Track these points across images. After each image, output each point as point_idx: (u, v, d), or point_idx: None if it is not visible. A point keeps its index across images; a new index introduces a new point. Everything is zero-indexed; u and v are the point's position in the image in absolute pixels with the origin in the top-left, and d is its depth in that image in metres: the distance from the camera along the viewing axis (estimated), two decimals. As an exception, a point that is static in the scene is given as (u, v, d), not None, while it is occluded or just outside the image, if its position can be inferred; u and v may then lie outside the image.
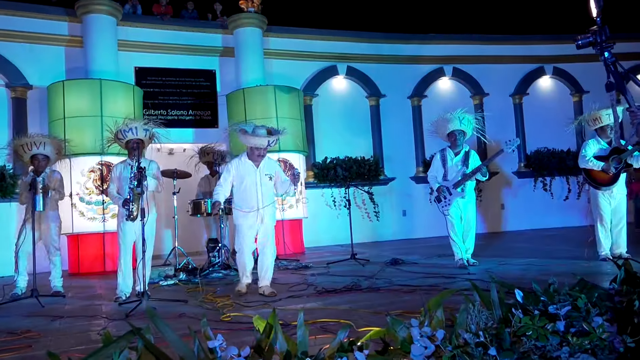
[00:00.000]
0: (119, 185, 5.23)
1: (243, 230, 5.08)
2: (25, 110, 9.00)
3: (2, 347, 3.23)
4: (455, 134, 6.16)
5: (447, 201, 6.10)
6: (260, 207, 5.01)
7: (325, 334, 3.06)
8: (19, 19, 9.09)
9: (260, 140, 5.04)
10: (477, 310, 1.79)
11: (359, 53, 11.66)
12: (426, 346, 1.57)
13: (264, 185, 5.11)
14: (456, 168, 6.10)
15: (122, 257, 5.24)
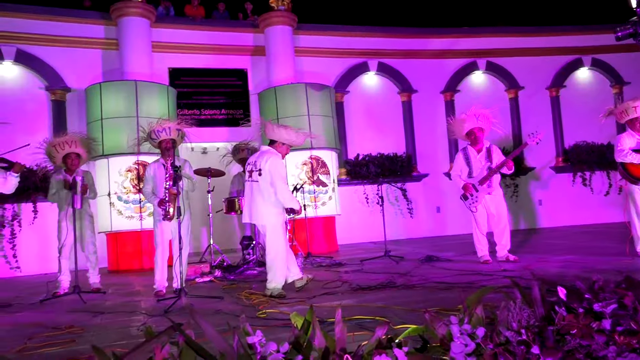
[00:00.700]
0: (154, 185, 5.33)
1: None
2: (64, 113, 9.27)
3: (48, 342, 3.33)
4: (474, 131, 6.09)
5: (474, 198, 6.03)
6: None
7: (361, 331, 3.04)
8: (57, 24, 9.37)
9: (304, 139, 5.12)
10: (518, 307, 1.75)
11: (390, 49, 11.57)
12: (466, 344, 1.54)
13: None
14: (480, 164, 6.04)
15: (158, 255, 5.35)
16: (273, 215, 4.83)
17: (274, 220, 4.83)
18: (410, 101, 11.57)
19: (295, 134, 5.00)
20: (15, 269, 8.37)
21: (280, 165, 4.85)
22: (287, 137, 4.96)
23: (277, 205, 4.84)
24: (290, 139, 4.99)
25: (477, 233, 6.15)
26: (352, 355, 1.41)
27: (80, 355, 2.89)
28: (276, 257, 4.78)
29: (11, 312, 4.78)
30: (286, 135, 4.96)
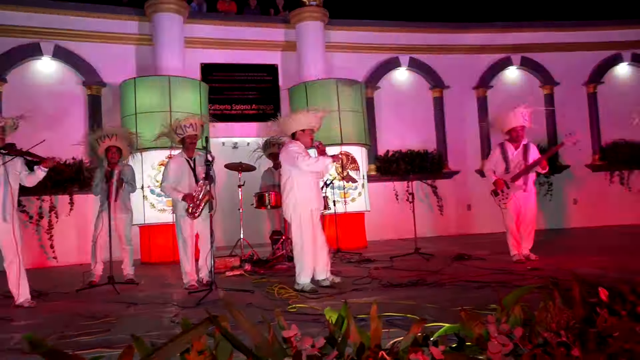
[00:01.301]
0: (176, 180, 5.36)
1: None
2: (99, 107, 9.48)
3: (84, 330, 3.41)
4: (517, 129, 5.97)
5: (505, 195, 5.93)
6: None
7: (392, 328, 3.02)
8: (93, 19, 9.57)
9: (318, 119, 4.98)
10: (557, 308, 1.70)
11: (421, 44, 11.45)
12: (504, 344, 1.51)
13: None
14: (517, 161, 5.92)
15: (183, 249, 5.39)
16: (292, 208, 4.83)
17: (294, 213, 4.82)
18: (441, 97, 11.43)
19: (304, 117, 4.93)
20: (52, 259, 8.61)
21: (291, 149, 4.79)
22: (295, 124, 4.92)
23: (298, 198, 4.81)
24: (301, 123, 4.90)
25: (511, 231, 6.03)
26: (387, 352, 1.40)
27: (115, 344, 2.95)
28: (301, 251, 4.79)
29: (49, 300, 4.92)
30: (294, 123, 4.93)
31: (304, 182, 4.84)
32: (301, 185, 4.84)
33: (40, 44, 9.21)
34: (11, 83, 9.03)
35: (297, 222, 4.81)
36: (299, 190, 4.83)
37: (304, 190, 4.84)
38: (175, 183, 5.38)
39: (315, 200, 4.90)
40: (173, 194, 5.36)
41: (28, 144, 4.73)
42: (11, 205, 4.48)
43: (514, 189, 5.90)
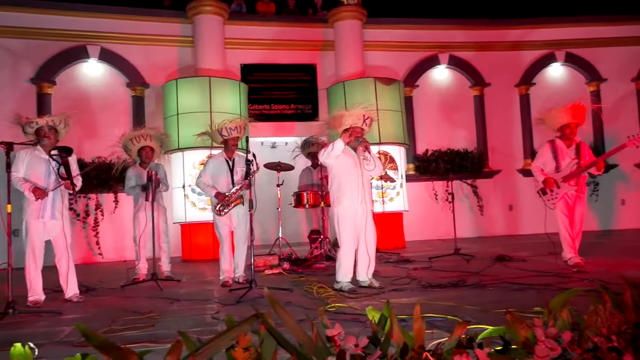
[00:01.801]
0: (213, 178, 5.49)
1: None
2: (143, 108, 9.74)
3: (129, 325, 3.51)
4: (571, 126, 5.74)
5: (555, 194, 5.70)
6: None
7: (432, 329, 2.99)
8: (137, 22, 9.84)
9: (358, 115, 4.88)
10: (608, 312, 1.65)
11: (461, 41, 11.27)
12: (552, 347, 1.47)
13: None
14: (568, 160, 5.70)
15: (220, 247, 5.57)
16: (332, 205, 4.89)
17: (334, 211, 4.85)
18: (482, 95, 11.23)
19: (348, 115, 4.87)
20: (97, 255, 8.90)
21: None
22: (340, 123, 4.92)
23: (337, 195, 4.82)
24: (345, 121, 4.87)
25: (565, 232, 5.71)
26: (430, 354, 1.39)
27: (160, 339, 3.02)
28: (340, 250, 4.80)
29: (96, 295, 5.09)
30: (340, 121, 4.93)
31: (343, 179, 4.81)
32: (341, 182, 4.81)
33: (87, 47, 9.53)
34: (60, 85, 9.38)
35: (336, 220, 4.80)
36: (338, 187, 4.83)
37: (342, 187, 4.80)
38: (212, 181, 5.51)
39: (355, 198, 4.76)
40: (206, 189, 5.49)
41: (75, 143, 4.89)
42: (61, 203, 4.65)
43: (565, 189, 5.67)
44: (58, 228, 4.63)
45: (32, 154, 4.63)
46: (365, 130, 4.95)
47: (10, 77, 9.14)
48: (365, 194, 4.82)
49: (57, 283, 4.88)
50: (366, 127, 4.95)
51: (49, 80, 9.27)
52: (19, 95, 9.09)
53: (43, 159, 4.64)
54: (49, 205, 4.59)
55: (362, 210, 4.79)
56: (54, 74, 9.35)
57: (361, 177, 4.82)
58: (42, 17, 9.33)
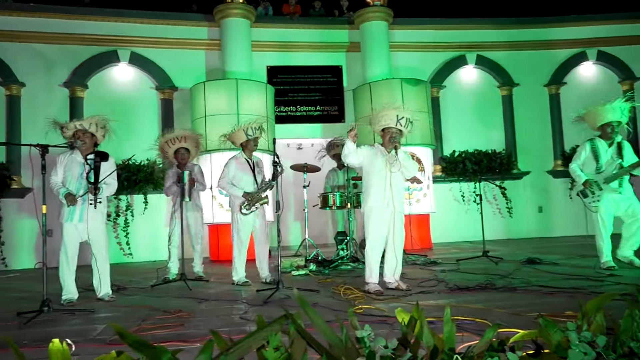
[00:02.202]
0: (236, 178, 5.55)
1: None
2: (171, 110, 9.89)
3: (159, 324, 3.58)
4: (612, 124, 5.57)
5: (597, 197, 5.51)
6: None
7: (461, 332, 2.96)
8: (166, 27, 10.01)
9: (390, 115, 4.80)
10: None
11: (489, 41, 11.13)
12: (586, 352, 1.44)
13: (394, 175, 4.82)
14: (610, 160, 5.51)
15: (236, 247, 5.60)
16: (362, 206, 4.89)
17: (363, 211, 4.88)
18: (511, 95, 11.07)
19: (381, 115, 4.86)
20: (128, 255, 9.07)
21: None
22: (375, 123, 4.93)
23: (365, 196, 4.84)
24: (378, 122, 4.87)
25: (602, 236, 5.50)
26: (461, 356, 1.38)
27: (190, 338, 3.07)
28: (367, 250, 4.80)
29: (127, 294, 5.19)
30: (374, 125, 4.94)
31: (370, 179, 4.81)
32: (368, 182, 4.82)
33: (118, 51, 9.74)
34: (92, 89, 9.61)
35: (365, 219, 4.81)
36: (366, 187, 4.84)
37: (369, 187, 4.79)
38: (235, 181, 5.58)
39: (380, 199, 4.72)
40: (232, 190, 5.54)
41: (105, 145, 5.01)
42: (92, 205, 4.73)
43: (607, 191, 5.50)
44: (91, 229, 4.73)
45: (70, 157, 4.76)
46: (403, 131, 4.88)
47: (44, 81, 9.40)
48: (393, 196, 4.74)
49: (90, 282, 5.00)
50: (402, 127, 4.84)
51: (81, 84, 9.50)
52: (53, 99, 9.35)
53: (78, 162, 4.76)
54: (81, 208, 4.70)
55: (389, 212, 4.74)
56: (86, 78, 9.58)
57: (389, 179, 4.75)
58: (75, 23, 9.58)
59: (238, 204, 5.52)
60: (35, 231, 8.80)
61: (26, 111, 9.19)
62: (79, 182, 4.72)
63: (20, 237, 8.86)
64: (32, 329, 3.62)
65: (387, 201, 4.72)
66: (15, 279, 7.30)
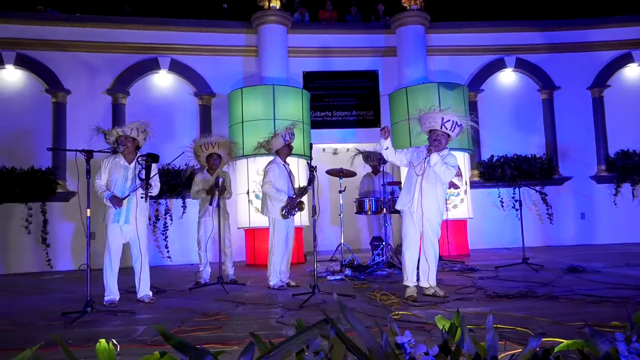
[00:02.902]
0: (278, 183, 5.58)
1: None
2: (209, 116, 10.07)
3: (198, 327, 3.64)
4: None
5: None
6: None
7: (501, 340, 2.90)
8: (204, 34, 10.22)
9: (434, 118, 4.68)
10: (698, 329, 1.54)
11: (529, 43, 10.91)
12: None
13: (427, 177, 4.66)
14: None
15: (275, 251, 5.60)
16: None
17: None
18: (551, 99, 10.81)
19: (425, 118, 4.76)
20: (167, 258, 9.26)
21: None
22: (422, 127, 4.86)
23: (399, 198, 4.87)
24: (423, 124, 4.81)
25: None
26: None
27: (228, 341, 3.11)
28: (402, 252, 4.81)
29: (166, 297, 5.29)
30: (421, 126, 4.87)
31: (405, 182, 4.90)
32: (404, 185, 4.90)
33: (158, 58, 9.98)
34: (133, 95, 9.88)
35: (401, 224, 4.82)
36: (401, 191, 4.92)
37: (403, 190, 4.89)
38: (277, 186, 5.61)
39: (407, 203, 4.68)
40: (277, 194, 5.53)
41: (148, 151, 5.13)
42: (137, 208, 4.88)
43: None
44: (133, 232, 4.85)
45: (113, 161, 4.91)
46: (450, 134, 4.73)
47: (88, 89, 9.73)
48: (422, 201, 4.60)
49: (131, 284, 5.12)
50: (447, 130, 4.67)
51: (123, 91, 9.79)
52: (97, 106, 9.65)
53: (122, 166, 4.90)
54: (126, 210, 4.83)
55: (418, 216, 4.64)
56: (128, 85, 9.86)
57: (419, 182, 4.63)
58: (118, 32, 9.89)
59: (279, 208, 5.55)
60: (79, 234, 9.08)
61: (71, 117, 9.52)
62: (123, 185, 4.85)
63: (64, 240, 9.16)
64: (76, 328, 3.74)
65: (414, 205, 4.64)
66: (60, 280, 7.55)
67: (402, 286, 4.79)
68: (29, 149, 9.26)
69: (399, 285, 5.45)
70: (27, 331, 3.73)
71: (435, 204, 4.69)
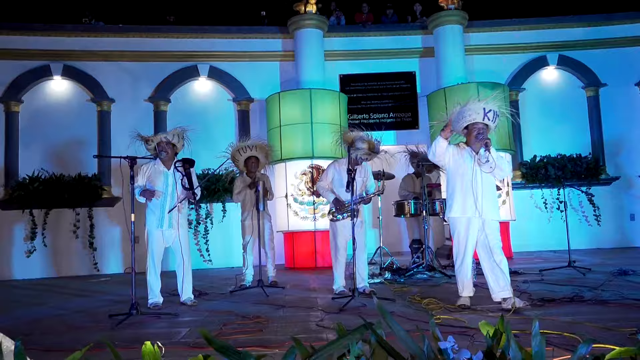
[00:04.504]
0: (333, 184, 5.43)
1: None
2: (248, 121, 10.20)
3: (238, 329, 3.68)
4: None
5: None
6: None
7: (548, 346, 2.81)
8: (242, 41, 10.37)
9: (476, 109, 4.16)
10: None
11: (572, 40, 10.59)
12: (693, 373, 1.32)
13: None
14: None
15: (333, 255, 5.39)
16: (447, 214, 4.48)
17: (448, 219, 4.47)
18: (597, 96, 10.45)
19: (466, 110, 4.22)
20: (207, 262, 9.41)
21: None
22: (458, 121, 4.30)
23: (448, 204, 4.38)
24: (463, 119, 4.25)
25: None
26: (551, 372, 1.31)
27: (268, 344, 3.13)
28: (458, 265, 4.34)
29: (208, 299, 5.38)
30: (456, 123, 4.31)
31: (455, 183, 4.32)
32: (454, 187, 4.34)
33: (198, 66, 10.19)
34: (174, 102, 10.11)
35: (452, 231, 4.37)
36: (450, 193, 4.36)
37: (454, 192, 4.31)
38: (334, 187, 5.37)
39: (466, 207, 4.20)
40: (326, 193, 5.36)
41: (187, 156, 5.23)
42: (178, 213, 4.98)
43: None
44: (175, 237, 4.95)
45: (153, 167, 5.01)
46: (490, 126, 4.29)
47: (131, 97, 10.02)
48: (482, 203, 4.19)
49: (174, 287, 5.23)
50: (489, 121, 4.24)
51: (164, 98, 10.03)
52: (140, 113, 9.92)
53: (162, 172, 5.01)
54: (169, 215, 4.93)
55: (478, 222, 4.22)
56: (169, 92, 10.10)
57: (477, 183, 4.20)
58: (158, 41, 10.15)
59: (330, 210, 5.35)
60: (124, 238, 9.35)
61: (115, 125, 9.82)
62: (164, 191, 4.96)
63: (110, 244, 9.45)
64: (122, 330, 3.84)
65: (474, 209, 4.19)
66: (106, 283, 7.78)
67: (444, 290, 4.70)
68: (77, 156, 9.60)
69: (440, 289, 5.39)
70: (77, 332, 3.86)
71: (495, 205, 4.34)
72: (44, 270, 9.13)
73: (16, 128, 9.62)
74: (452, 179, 4.36)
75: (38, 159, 9.47)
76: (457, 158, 4.30)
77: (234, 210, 9.58)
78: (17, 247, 9.14)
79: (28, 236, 9.10)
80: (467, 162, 4.26)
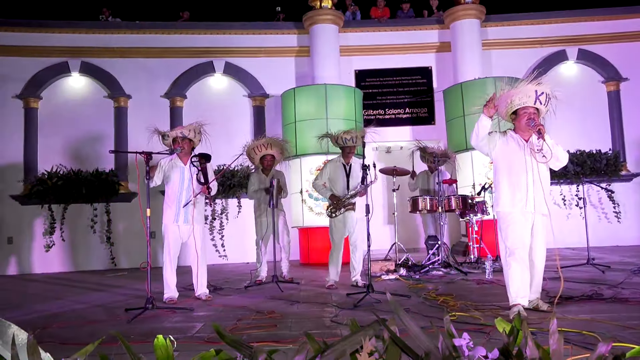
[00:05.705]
0: (329, 181, 5.65)
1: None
2: (263, 117, 10.21)
3: (253, 324, 3.68)
4: None
5: None
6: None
7: (566, 344, 2.76)
8: (257, 36, 10.37)
9: (527, 92, 3.76)
10: None
11: (592, 33, 10.40)
12: None
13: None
14: None
15: (331, 249, 5.67)
16: (494, 209, 4.30)
17: (495, 214, 4.25)
18: (617, 90, 10.26)
19: (514, 94, 3.83)
20: (223, 257, 9.46)
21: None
22: (506, 109, 3.91)
23: (496, 197, 3.99)
24: (512, 103, 3.86)
25: None
26: (570, 371, 1.27)
27: (282, 339, 3.13)
28: (504, 266, 3.94)
29: (223, 294, 5.40)
30: (503, 109, 3.92)
31: (504, 174, 3.88)
32: (501, 179, 3.89)
33: (213, 62, 10.22)
34: (190, 98, 10.16)
35: (501, 226, 3.91)
36: (498, 185, 3.93)
37: (502, 185, 3.87)
38: (329, 184, 5.67)
39: (517, 200, 3.77)
40: (322, 191, 5.65)
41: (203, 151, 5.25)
42: (194, 208, 5.00)
43: None
44: (191, 232, 4.98)
45: (170, 162, 5.04)
46: (541, 110, 3.87)
47: (147, 93, 10.08)
48: (535, 196, 3.75)
49: (189, 281, 5.26)
50: (541, 105, 3.84)
51: (180, 94, 10.08)
52: (156, 109, 9.98)
53: (179, 167, 5.03)
54: (185, 210, 4.96)
55: (530, 216, 3.81)
56: (185, 88, 10.15)
57: (530, 174, 3.74)
58: (174, 37, 10.20)
59: (328, 206, 5.60)
60: (140, 233, 9.43)
61: (132, 121, 9.90)
62: (181, 186, 4.99)
63: (127, 239, 9.53)
64: (138, 324, 3.87)
65: (527, 203, 3.76)
66: (123, 277, 7.86)
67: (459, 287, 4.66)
68: (94, 152, 9.71)
69: (455, 286, 5.34)
70: (93, 326, 3.90)
71: (549, 197, 3.85)
72: (62, 265, 9.26)
73: (35, 124, 9.76)
74: (499, 170, 3.92)
75: (56, 155, 9.59)
76: (504, 147, 3.87)
77: (249, 206, 9.57)
78: (36, 241, 9.28)
79: (47, 231, 9.23)
80: (516, 151, 3.81)
